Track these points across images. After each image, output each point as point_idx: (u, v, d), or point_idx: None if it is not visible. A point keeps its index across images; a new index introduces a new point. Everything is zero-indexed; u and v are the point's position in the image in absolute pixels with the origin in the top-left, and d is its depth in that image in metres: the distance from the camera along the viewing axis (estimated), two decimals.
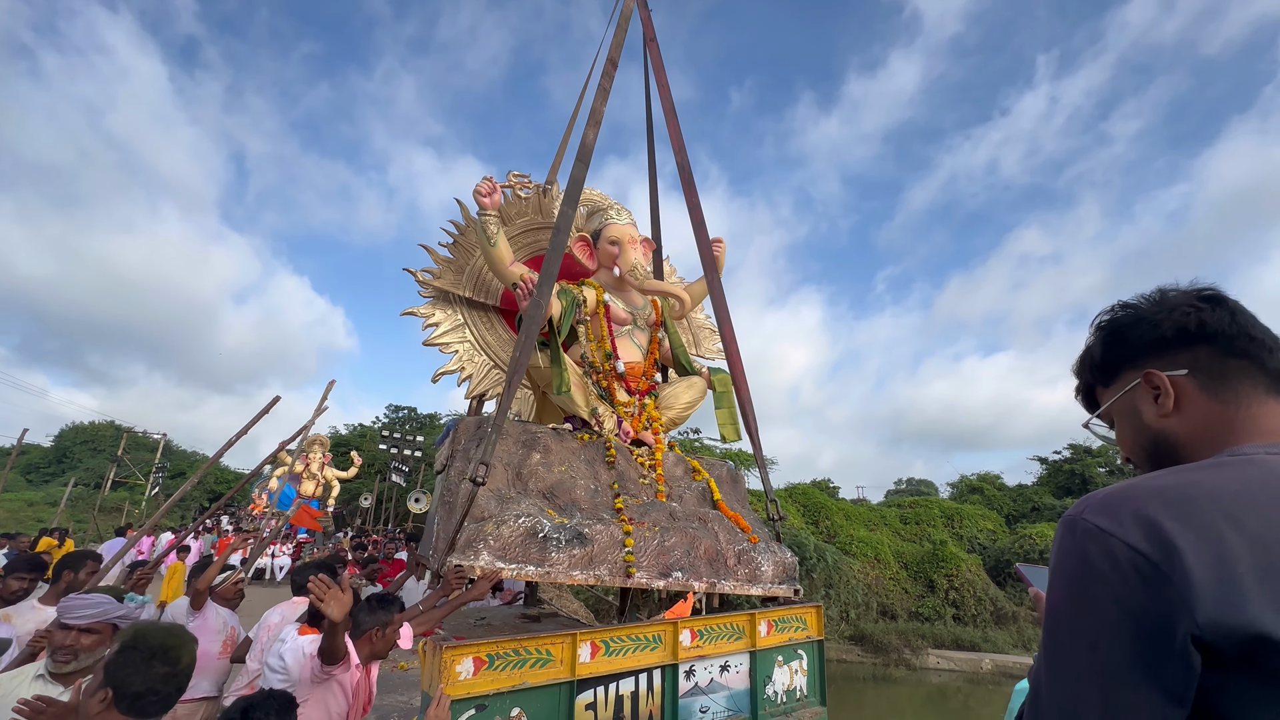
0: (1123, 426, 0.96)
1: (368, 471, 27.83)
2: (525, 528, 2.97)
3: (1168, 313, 0.87)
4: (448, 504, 3.25)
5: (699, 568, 3.30)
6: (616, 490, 3.61)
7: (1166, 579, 0.66)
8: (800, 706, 3.35)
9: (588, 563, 3.02)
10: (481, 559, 2.82)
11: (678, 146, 4.80)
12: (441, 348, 4.62)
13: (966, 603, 16.28)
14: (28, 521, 20.45)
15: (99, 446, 37.02)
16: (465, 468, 3.27)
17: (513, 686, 2.38)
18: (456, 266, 4.84)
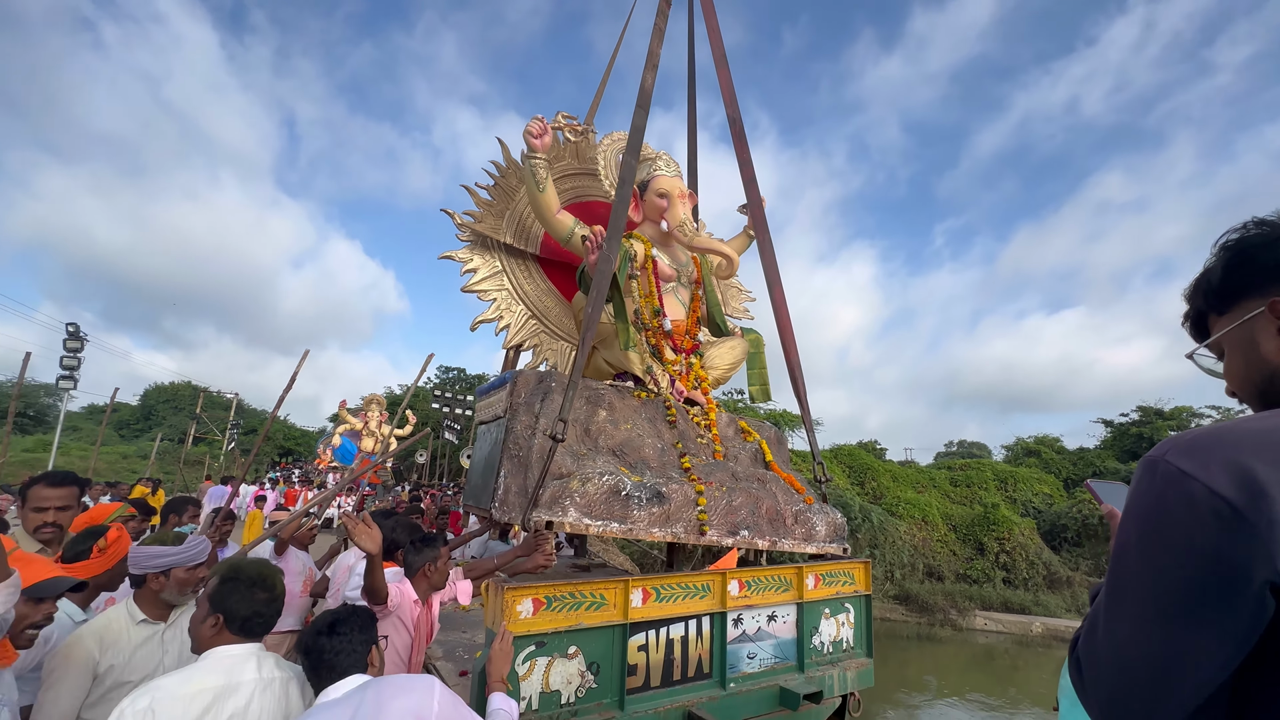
0: (1234, 359, 0.87)
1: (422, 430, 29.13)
2: (609, 485, 3.05)
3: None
4: (515, 458, 3.31)
5: (762, 526, 3.39)
6: (681, 450, 3.69)
7: (1251, 527, 0.63)
8: (846, 657, 3.41)
9: (665, 520, 3.12)
10: (570, 515, 2.92)
11: (728, 97, 4.54)
12: (479, 295, 4.58)
13: (1018, 566, 15.97)
14: (123, 472, 22.43)
15: (179, 405, 39.91)
16: (533, 422, 3.34)
17: (570, 626, 2.51)
18: (497, 210, 4.71)
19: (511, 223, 4.77)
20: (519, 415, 3.50)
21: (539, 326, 4.82)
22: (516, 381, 3.64)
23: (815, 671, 3.20)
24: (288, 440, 38.91)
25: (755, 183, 4.53)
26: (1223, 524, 0.65)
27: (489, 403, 4.06)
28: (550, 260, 4.97)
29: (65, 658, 1.92)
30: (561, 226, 4.29)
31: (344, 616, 1.71)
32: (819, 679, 3.16)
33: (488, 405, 4.07)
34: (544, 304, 4.88)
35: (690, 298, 4.56)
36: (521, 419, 3.46)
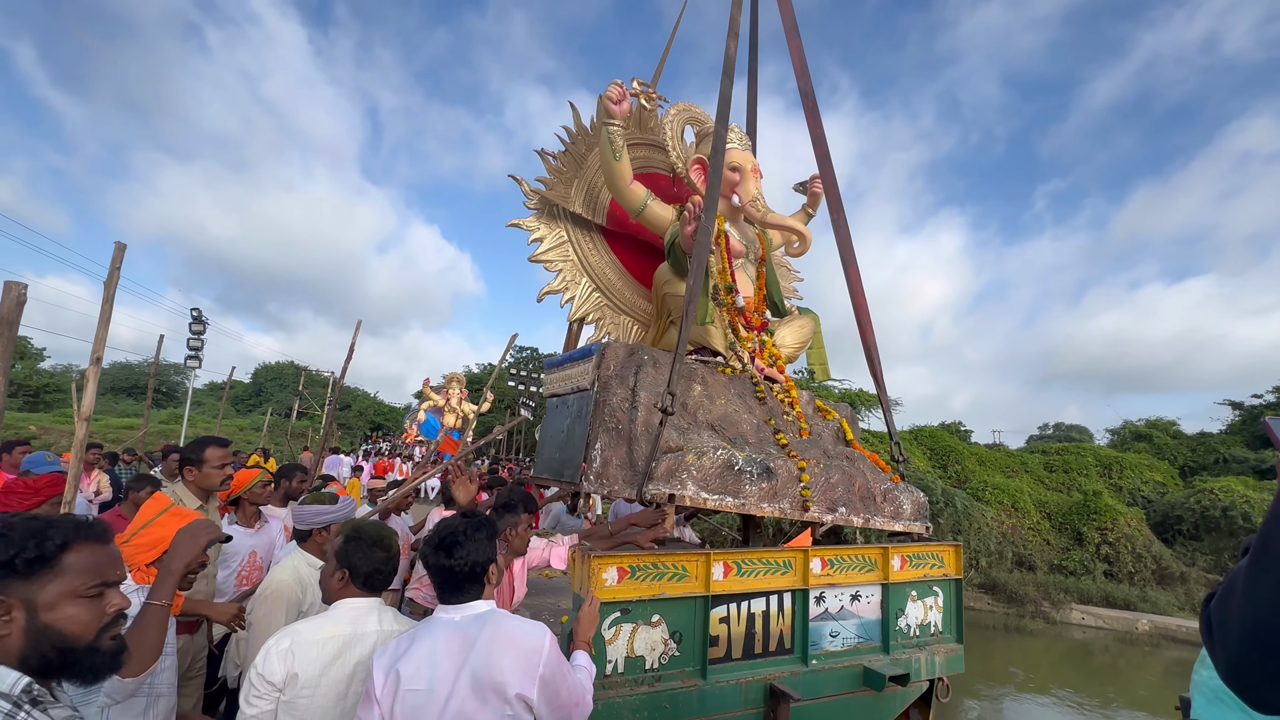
0: None
1: (499, 407, 30.42)
2: (723, 460, 3.09)
3: None
4: (613, 430, 3.34)
5: (856, 504, 3.39)
6: (775, 426, 3.68)
7: None
8: (934, 641, 3.32)
9: (772, 496, 3.15)
10: (688, 489, 2.99)
11: (799, 69, 4.31)
12: (546, 265, 4.57)
13: (1123, 559, 14.75)
14: (240, 442, 24.95)
15: (284, 383, 43.67)
16: (629, 395, 3.39)
17: (653, 596, 2.58)
18: (566, 178, 4.63)
19: (580, 191, 4.68)
20: (613, 388, 3.48)
21: (603, 300, 4.80)
22: (605, 354, 3.62)
23: (901, 654, 3.13)
24: (377, 415, 41.79)
25: (829, 159, 4.31)
26: None
27: (565, 375, 4.08)
28: (614, 233, 4.93)
29: (276, 597, 2.27)
30: (634, 198, 4.23)
31: (461, 536, 1.75)
32: (905, 661, 3.10)
33: (564, 378, 4.08)
34: (607, 277, 4.84)
35: (756, 275, 4.48)
36: (616, 392, 3.45)
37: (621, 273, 4.92)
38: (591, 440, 3.37)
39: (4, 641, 1.03)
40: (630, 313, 4.93)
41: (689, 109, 4.64)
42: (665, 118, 4.53)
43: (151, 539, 1.97)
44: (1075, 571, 14.79)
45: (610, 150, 4.01)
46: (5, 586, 1.05)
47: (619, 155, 4.03)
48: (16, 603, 1.05)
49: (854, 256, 4.19)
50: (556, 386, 4.22)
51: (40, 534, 1.10)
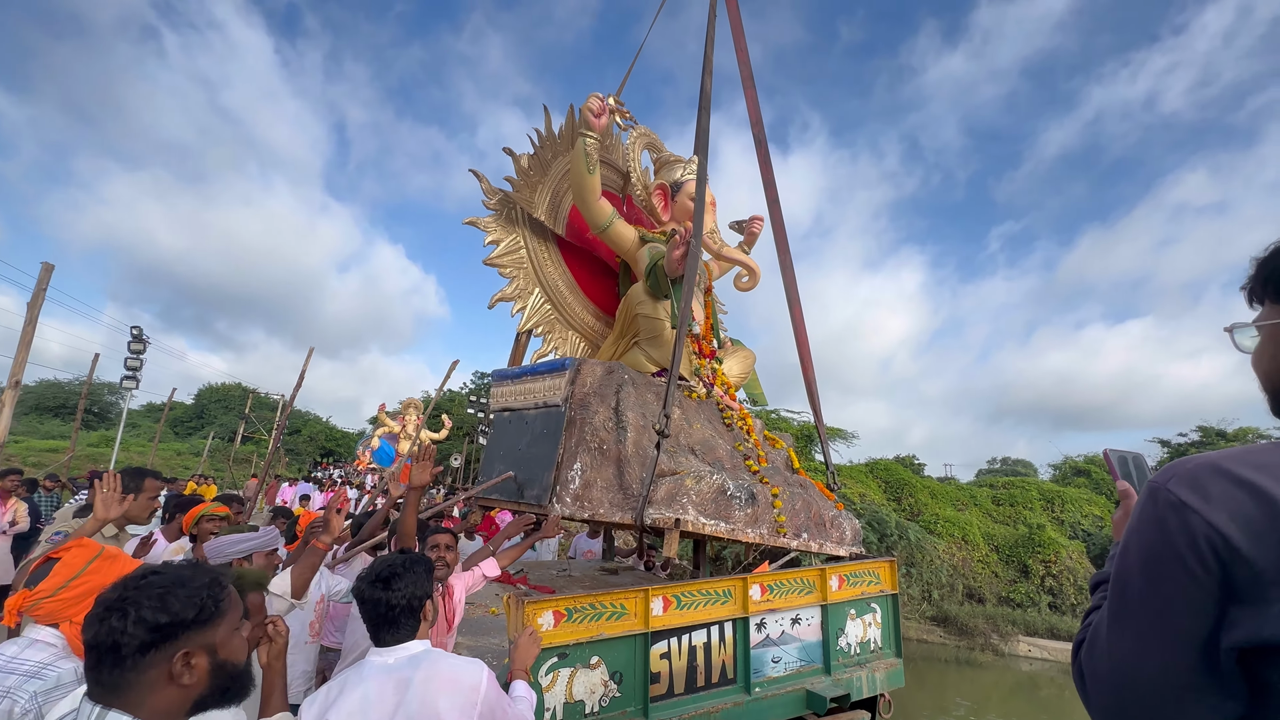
0: (1266, 351, 0.85)
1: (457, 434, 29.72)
2: (717, 485, 3.07)
3: None
4: (598, 450, 3.26)
5: (813, 529, 3.45)
6: (743, 452, 3.71)
7: (1248, 564, 0.63)
8: (874, 658, 3.35)
9: (754, 521, 3.15)
10: (689, 513, 2.95)
11: (754, 117, 4.45)
12: (499, 270, 4.47)
13: (1065, 591, 15.21)
14: (177, 468, 23.57)
15: (230, 405, 41.74)
16: (612, 415, 3.35)
17: (591, 637, 2.53)
18: (532, 182, 4.52)
19: (544, 197, 4.58)
20: (593, 407, 3.39)
21: (554, 313, 4.73)
22: (581, 370, 3.53)
23: (842, 674, 3.15)
24: (329, 441, 40.20)
25: (778, 203, 4.50)
26: (1220, 560, 0.66)
27: (525, 389, 3.90)
28: (568, 246, 4.88)
29: None
30: (602, 214, 4.21)
31: (399, 569, 1.70)
32: (846, 681, 3.11)
33: (523, 392, 3.90)
34: (560, 290, 4.77)
35: (704, 304, 4.58)
36: (598, 411, 3.37)
37: (574, 287, 4.89)
38: (565, 460, 3.26)
39: (189, 690, 1.11)
40: (579, 329, 4.87)
41: (648, 134, 4.77)
42: (629, 140, 4.64)
43: (85, 589, 1.82)
44: (1022, 604, 15.16)
45: (585, 162, 3.99)
46: (188, 639, 1.11)
47: (593, 168, 4.01)
48: (199, 649, 1.12)
49: (798, 294, 4.34)
50: (510, 400, 4.04)
51: (210, 582, 1.18)
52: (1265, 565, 0.63)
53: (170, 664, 1.08)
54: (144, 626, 1.06)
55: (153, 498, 2.88)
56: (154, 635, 1.07)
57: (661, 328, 4.10)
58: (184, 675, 1.09)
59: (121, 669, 1.05)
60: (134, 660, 1.05)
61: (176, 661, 1.08)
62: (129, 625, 1.05)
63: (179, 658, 1.09)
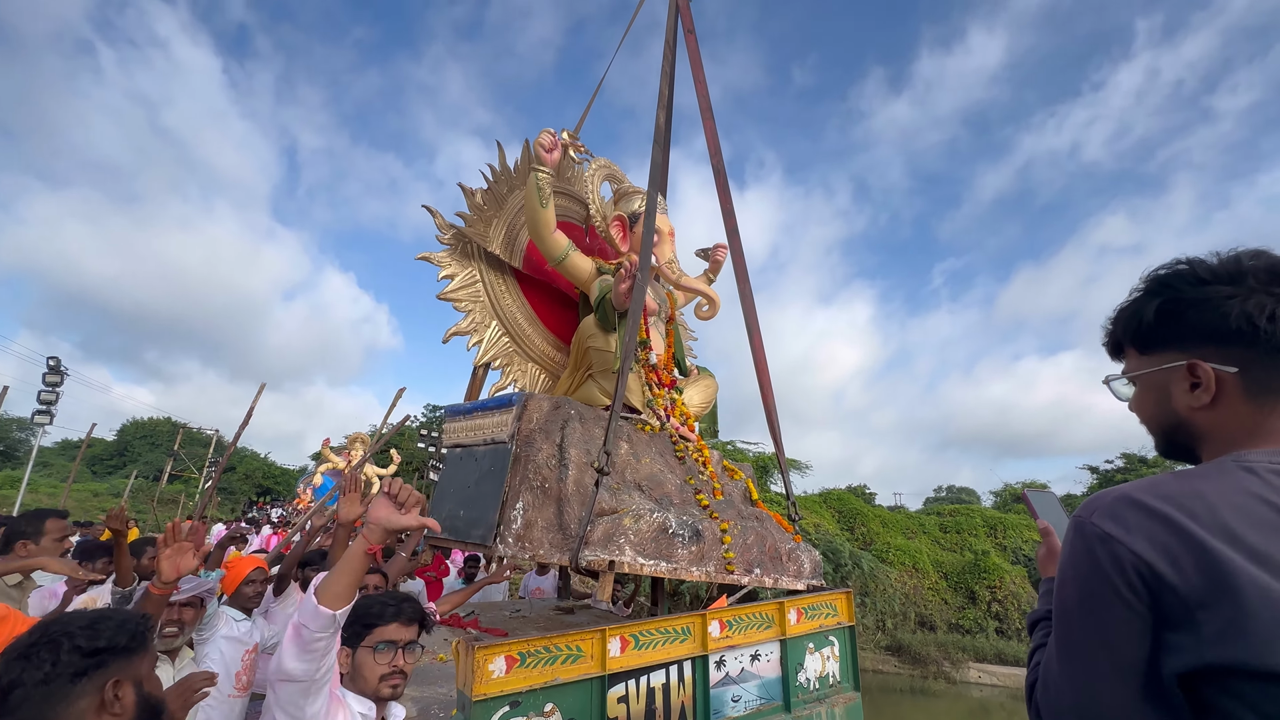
0: (1146, 399, 0.90)
1: (406, 469, 28.58)
2: (658, 523, 3.00)
3: (1240, 300, 0.78)
4: (539, 489, 3.16)
5: (767, 564, 3.42)
6: (695, 486, 3.66)
7: (1173, 590, 0.68)
8: (833, 692, 3.33)
9: (700, 559, 3.09)
10: (626, 554, 2.87)
11: (713, 149, 4.66)
12: (454, 304, 4.42)
13: (1010, 616, 15.68)
14: (94, 511, 21.67)
15: (157, 441, 39.02)
16: (556, 452, 3.26)
17: (545, 683, 2.42)
18: (486, 217, 4.51)
19: (500, 231, 4.59)
20: (537, 443, 3.32)
21: (512, 345, 4.68)
22: (527, 405, 3.45)
23: (802, 710, 3.12)
24: (266, 479, 37.97)
25: (737, 233, 4.62)
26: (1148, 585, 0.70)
27: (474, 425, 3.82)
28: (528, 279, 4.87)
29: None
30: (557, 246, 4.22)
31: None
32: (806, 718, 3.07)
33: (473, 428, 3.83)
34: (518, 322, 4.74)
35: (665, 333, 4.62)
36: (542, 448, 3.29)
37: (532, 319, 4.85)
38: (510, 498, 3.15)
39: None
40: (539, 361, 4.81)
41: (608, 165, 4.85)
42: (587, 172, 4.70)
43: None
44: (971, 629, 15.52)
45: (538, 196, 4.01)
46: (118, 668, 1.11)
47: (545, 202, 4.03)
48: (127, 680, 1.12)
49: (757, 324, 4.44)
50: (461, 436, 3.93)
51: (135, 622, 1.19)
52: (1188, 590, 0.67)
53: (101, 693, 1.07)
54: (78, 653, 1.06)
55: (59, 540, 2.70)
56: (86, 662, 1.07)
57: (613, 360, 4.10)
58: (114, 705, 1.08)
59: (50, 702, 1.02)
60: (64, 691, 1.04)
61: (107, 690, 1.07)
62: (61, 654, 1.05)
63: (110, 686, 1.08)
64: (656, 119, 4.20)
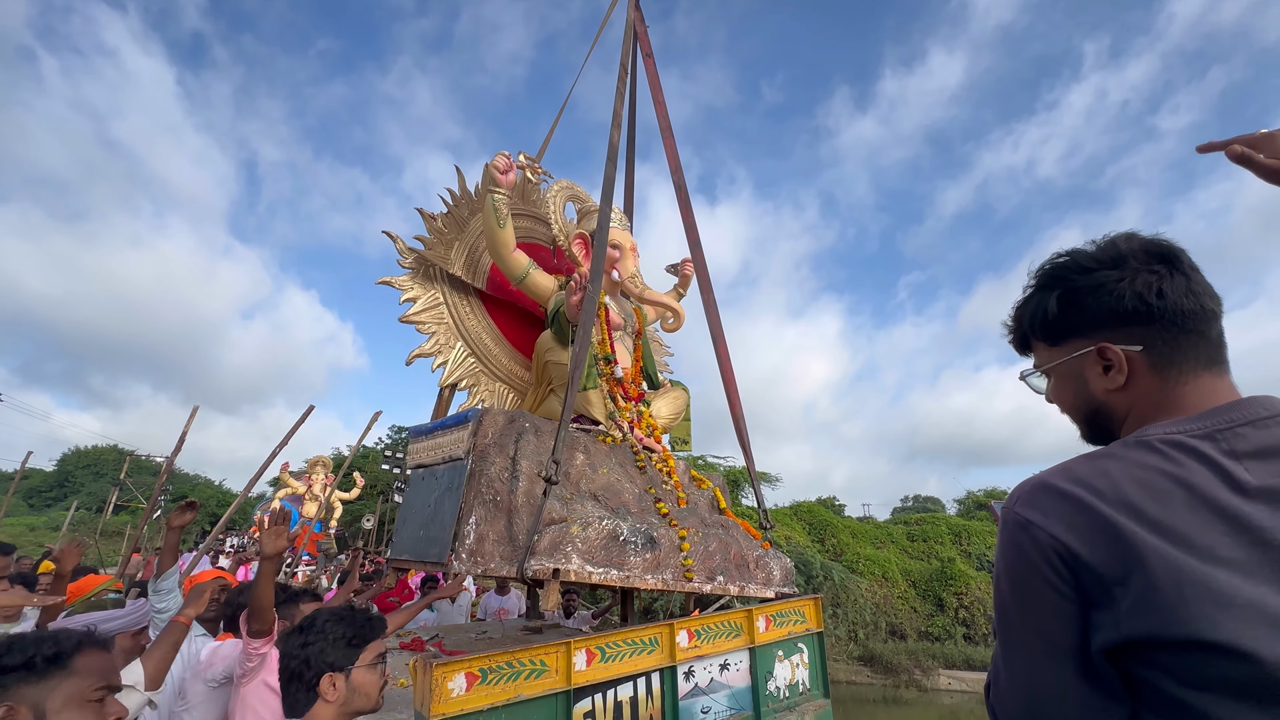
0: (1064, 388, 0.93)
1: (370, 493, 27.72)
2: (608, 530, 2.96)
3: (1129, 282, 0.82)
4: (491, 503, 3.11)
5: (731, 571, 3.41)
6: (655, 495, 3.65)
7: (1090, 569, 0.70)
8: (803, 700, 3.32)
9: (656, 567, 3.06)
10: (573, 563, 2.81)
11: (674, 165, 4.75)
12: (417, 326, 4.40)
13: (977, 621, 15.96)
14: (29, 546, 20.34)
15: (101, 470, 37.03)
16: (509, 465, 3.22)
17: (508, 700, 2.34)
18: (447, 240, 4.53)
19: (461, 253, 4.62)
20: (490, 457, 3.29)
21: (478, 365, 4.67)
22: (483, 421, 3.43)
23: (773, 719, 3.07)
24: (221, 507, 36.32)
25: (700, 246, 4.70)
26: (1068, 565, 0.71)
27: (434, 444, 3.81)
28: (493, 299, 4.89)
29: None
30: (517, 266, 4.24)
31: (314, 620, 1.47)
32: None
33: (433, 447, 3.81)
34: (484, 342, 4.75)
35: (633, 347, 4.64)
36: (495, 461, 3.26)
37: (498, 338, 4.84)
38: (464, 514, 3.09)
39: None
40: (506, 379, 4.80)
41: (571, 186, 4.89)
42: (549, 193, 4.72)
43: None
44: (940, 637, 15.73)
45: (495, 218, 4.04)
46: (15, 692, 1.04)
47: (503, 223, 4.07)
48: (25, 708, 1.04)
49: (723, 335, 4.50)
50: (423, 456, 3.89)
51: (54, 639, 1.12)
52: (1103, 568, 0.69)
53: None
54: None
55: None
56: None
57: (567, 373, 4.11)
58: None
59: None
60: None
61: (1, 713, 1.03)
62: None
63: (3, 710, 1.03)
64: (611, 137, 4.27)
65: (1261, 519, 0.66)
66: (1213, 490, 0.69)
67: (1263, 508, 0.67)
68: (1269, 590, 0.63)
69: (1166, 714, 0.67)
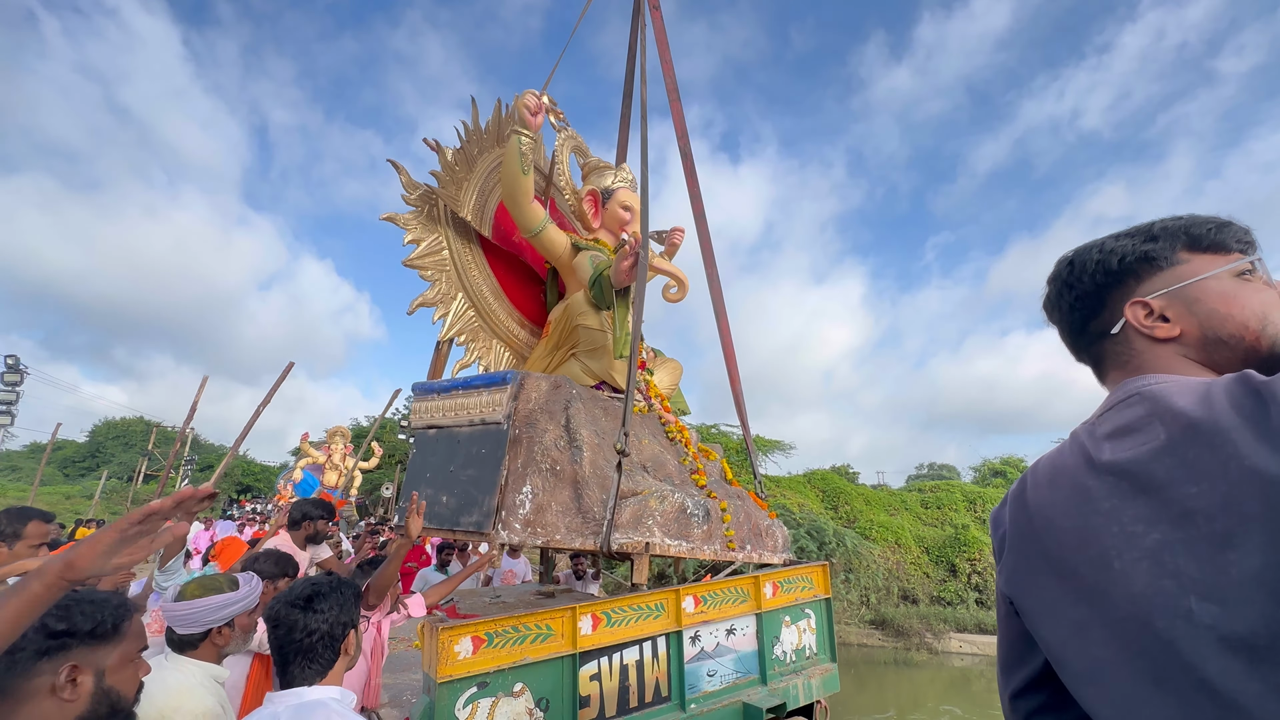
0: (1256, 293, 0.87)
1: (388, 461, 28.33)
2: (678, 504, 2.97)
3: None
4: (552, 472, 3.02)
5: (753, 540, 3.43)
6: (690, 466, 3.65)
7: (995, 547, 0.80)
8: (810, 664, 3.34)
9: (709, 538, 3.07)
10: (655, 535, 2.83)
11: (680, 131, 4.50)
12: (420, 272, 4.17)
13: (989, 586, 16.04)
14: (65, 514, 21.16)
15: (130, 441, 38.17)
16: (562, 433, 3.14)
17: (514, 663, 2.36)
18: (457, 178, 4.19)
19: (470, 195, 4.27)
20: (541, 424, 3.15)
21: (477, 320, 4.45)
22: (524, 384, 3.26)
23: (779, 683, 3.10)
24: (246, 476, 37.40)
25: (704, 218, 4.50)
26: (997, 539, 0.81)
27: (456, 405, 3.54)
28: (491, 250, 4.63)
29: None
30: (534, 217, 4.01)
31: (325, 589, 1.50)
32: (783, 690, 3.06)
33: (454, 408, 3.54)
34: (484, 296, 4.51)
35: None
36: (548, 429, 3.14)
37: (498, 292, 4.62)
38: (512, 483, 2.97)
39: (69, 708, 1.11)
40: (504, 337, 4.59)
41: (575, 137, 4.69)
42: (556, 142, 4.53)
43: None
44: (952, 601, 15.86)
45: (520, 162, 3.78)
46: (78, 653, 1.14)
47: (527, 169, 3.81)
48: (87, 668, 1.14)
49: (724, 310, 4.37)
50: (436, 416, 3.65)
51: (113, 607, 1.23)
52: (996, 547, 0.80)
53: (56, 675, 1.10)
54: (42, 633, 1.11)
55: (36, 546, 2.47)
56: (49, 643, 1.11)
57: (603, 339, 3.99)
58: (66, 690, 1.11)
59: (13, 674, 1.08)
60: (26, 667, 1.09)
61: (62, 673, 1.11)
62: (29, 632, 1.07)
63: (66, 669, 1.11)
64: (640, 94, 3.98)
65: None
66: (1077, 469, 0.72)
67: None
68: None
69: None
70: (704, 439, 4.43)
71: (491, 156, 4.43)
